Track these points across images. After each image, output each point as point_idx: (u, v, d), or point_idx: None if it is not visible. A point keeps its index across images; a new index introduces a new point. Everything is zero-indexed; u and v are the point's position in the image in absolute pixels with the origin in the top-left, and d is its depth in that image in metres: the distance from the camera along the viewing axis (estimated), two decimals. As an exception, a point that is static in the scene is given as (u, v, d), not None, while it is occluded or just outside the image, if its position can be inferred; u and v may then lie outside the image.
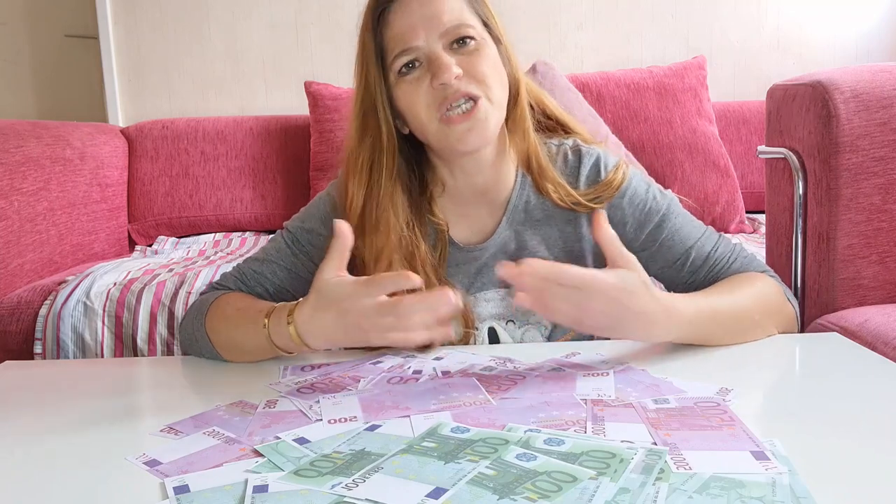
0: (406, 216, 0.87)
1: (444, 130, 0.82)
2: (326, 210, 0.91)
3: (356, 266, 0.85)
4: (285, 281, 0.91)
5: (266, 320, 0.77)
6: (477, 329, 0.91)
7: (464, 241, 0.91)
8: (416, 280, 0.68)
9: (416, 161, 0.91)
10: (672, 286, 0.93)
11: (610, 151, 0.94)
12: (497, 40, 0.86)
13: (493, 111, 0.83)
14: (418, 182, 0.91)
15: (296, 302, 0.76)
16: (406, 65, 0.82)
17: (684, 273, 0.90)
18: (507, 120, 0.88)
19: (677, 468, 0.52)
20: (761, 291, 0.86)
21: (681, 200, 0.94)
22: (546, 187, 0.89)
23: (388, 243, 0.85)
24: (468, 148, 0.84)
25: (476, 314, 0.91)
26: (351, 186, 0.87)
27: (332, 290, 0.71)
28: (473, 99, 0.81)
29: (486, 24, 0.85)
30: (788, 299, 0.89)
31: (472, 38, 0.83)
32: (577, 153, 0.92)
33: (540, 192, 0.90)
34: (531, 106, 0.91)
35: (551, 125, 0.96)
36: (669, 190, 0.94)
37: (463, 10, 0.83)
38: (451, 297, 0.66)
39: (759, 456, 0.53)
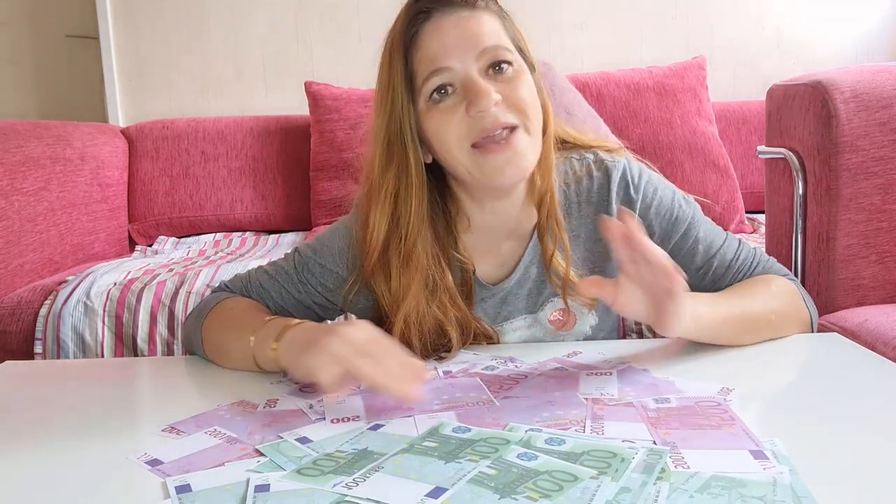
0: (432, 251, 0.83)
1: (478, 161, 0.77)
2: (341, 246, 0.87)
3: (379, 305, 0.84)
4: (288, 304, 0.89)
5: (252, 337, 0.75)
6: None
7: (488, 277, 0.89)
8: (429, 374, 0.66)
9: (439, 193, 0.86)
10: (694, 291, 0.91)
11: (632, 158, 0.91)
12: (531, 67, 0.82)
13: (530, 143, 0.78)
14: (443, 215, 0.86)
15: (297, 321, 0.74)
16: (439, 91, 0.77)
17: (707, 281, 0.88)
18: None
19: (678, 468, 0.52)
20: (777, 293, 0.85)
21: (696, 199, 0.91)
22: (546, 239, 0.85)
23: (415, 281, 0.81)
24: (505, 182, 0.79)
25: (504, 344, 0.89)
26: (373, 218, 0.82)
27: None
28: (511, 129, 0.77)
29: (520, 51, 0.81)
30: (805, 302, 0.88)
31: (509, 62, 0.78)
32: (603, 168, 0.89)
33: (539, 238, 0.87)
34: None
35: (569, 145, 0.92)
36: (691, 196, 0.92)
37: (500, 34, 0.79)
38: (430, 376, 0.66)
39: (759, 455, 0.53)
